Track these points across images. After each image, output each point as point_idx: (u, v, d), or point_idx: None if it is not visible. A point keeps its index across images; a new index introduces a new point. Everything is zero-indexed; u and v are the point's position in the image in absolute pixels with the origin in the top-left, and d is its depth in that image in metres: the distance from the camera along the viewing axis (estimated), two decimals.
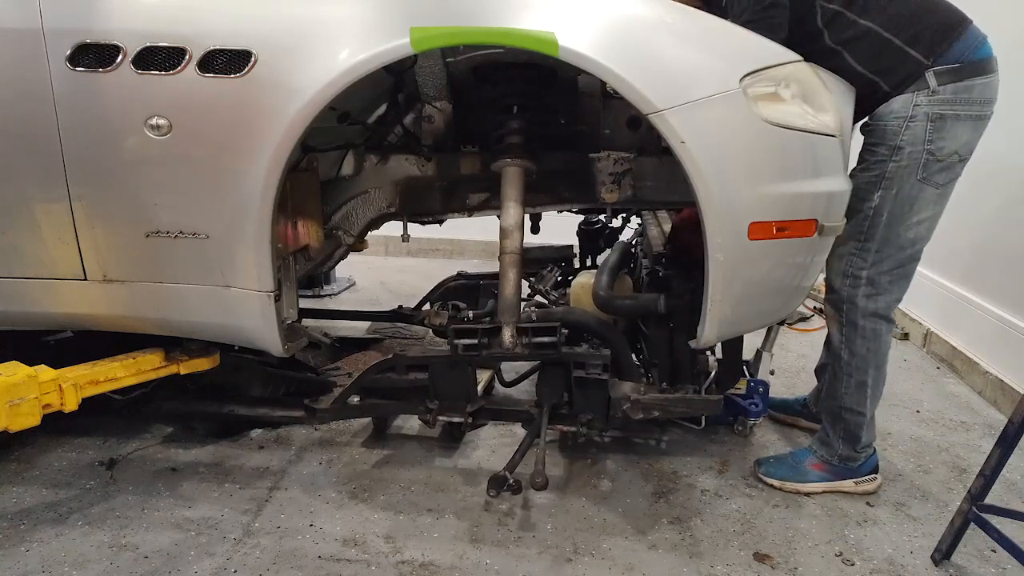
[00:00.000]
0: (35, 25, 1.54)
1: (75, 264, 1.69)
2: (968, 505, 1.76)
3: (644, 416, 1.90)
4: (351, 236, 2.21)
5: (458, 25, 1.50)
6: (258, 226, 1.59)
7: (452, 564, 1.77)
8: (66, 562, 1.74)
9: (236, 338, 1.78)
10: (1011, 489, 2.19)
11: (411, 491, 2.08)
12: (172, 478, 2.11)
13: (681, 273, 1.94)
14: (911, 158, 1.81)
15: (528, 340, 1.91)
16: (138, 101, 1.55)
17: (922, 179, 1.83)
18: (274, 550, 1.80)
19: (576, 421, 2.02)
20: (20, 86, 1.57)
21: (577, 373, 1.98)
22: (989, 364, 2.91)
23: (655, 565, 1.79)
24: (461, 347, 1.91)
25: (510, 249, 1.83)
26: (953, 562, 1.83)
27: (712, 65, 1.56)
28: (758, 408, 2.39)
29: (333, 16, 1.53)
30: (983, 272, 3.10)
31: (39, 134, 1.59)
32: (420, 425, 2.38)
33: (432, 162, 2.15)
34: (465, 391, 2.05)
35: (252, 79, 1.51)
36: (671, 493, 2.11)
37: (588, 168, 2.03)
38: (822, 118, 1.66)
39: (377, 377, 2.13)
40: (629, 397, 1.89)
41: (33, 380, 1.53)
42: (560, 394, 2.04)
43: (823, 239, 1.74)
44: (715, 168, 1.52)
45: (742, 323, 1.80)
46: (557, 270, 2.61)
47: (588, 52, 1.47)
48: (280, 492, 2.05)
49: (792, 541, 1.90)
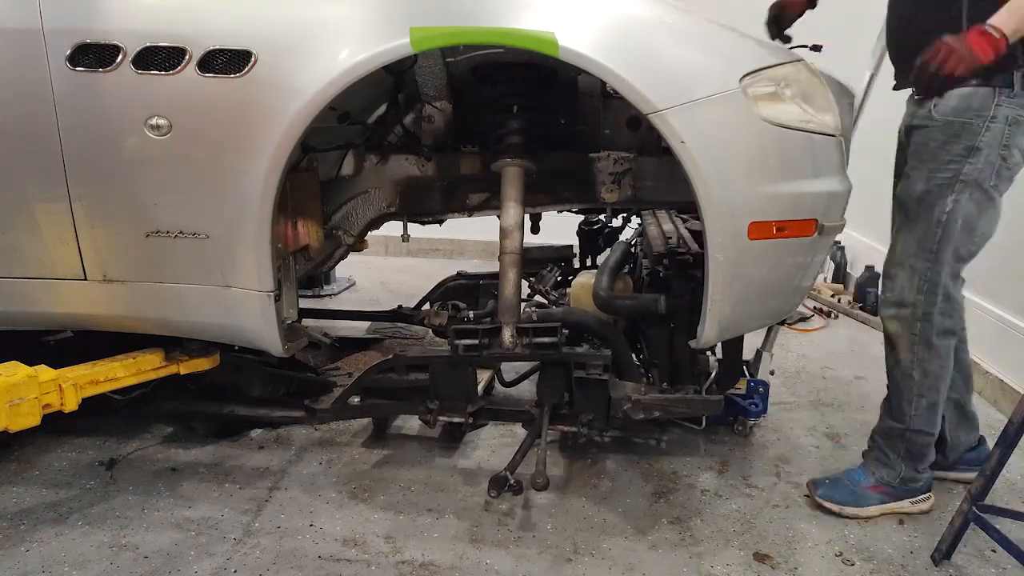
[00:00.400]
0: (35, 25, 1.54)
1: (75, 264, 1.69)
2: (968, 505, 1.76)
3: (645, 416, 1.90)
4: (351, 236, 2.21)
5: (458, 25, 1.50)
6: (258, 226, 1.59)
7: (452, 564, 1.77)
8: (66, 562, 1.73)
9: (236, 338, 1.78)
10: (1011, 489, 2.18)
11: (411, 491, 2.08)
12: (172, 478, 2.11)
13: (681, 273, 1.94)
14: (987, 161, 1.69)
15: (529, 340, 1.91)
16: (138, 101, 1.55)
17: (993, 185, 1.72)
18: (274, 550, 1.80)
19: (577, 421, 2.02)
20: (20, 86, 1.57)
21: (578, 373, 1.98)
22: (989, 364, 2.91)
23: (655, 565, 1.79)
24: (461, 347, 1.91)
25: (510, 249, 1.83)
26: (953, 562, 1.83)
27: (712, 65, 1.56)
28: (758, 408, 2.39)
29: (333, 16, 1.54)
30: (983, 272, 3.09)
31: (39, 134, 1.59)
32: (420, 425, 2.38)
33: (432, 162, 2.15)
34: (465, 391, 2.05)
35: (252, 79, 1.52)
36: (671, 493, 2.11)
37: (588, 168, 2.03)
38: (822, 118, 1.66)
39: (377, 377, 2.13)
40: (630, 397, 1.89)
41: (33, 380, 1.53)
42: (561, 394, 2.04)
43: (823, 238, 1.74)
44: (715, 168, 1.52)
45: (742, 323, 1.80)
46: (557, 270, 2.61)
47: (588, 52, 1.48)
48: (280, 492, 2.05)
49: (792, 541, 1.90)
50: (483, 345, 1.90)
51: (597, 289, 2.06)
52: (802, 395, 2.84)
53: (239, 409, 2.18)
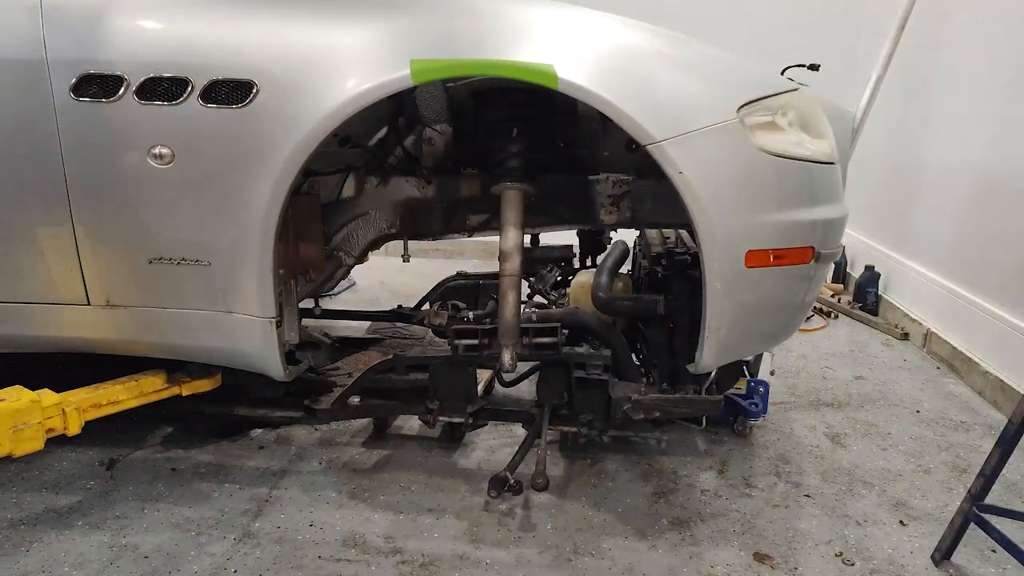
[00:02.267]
0: (40, 56, 1.55)
1: (78, 290, 1.70)
2: (968, 505, 1.76)
3: (645, 416, 1.90)
4: (352, 257, 2.22)
5: (458, 58, 1.50)
6: (260, 254, 1.60)
7: (452, 564, 1.77)
8: (66, 562, 1.74)
9: (237, 362, 1.79)
10: (1011, 489, 2.19)
11: (411, 491, 2.08)
12: (172, 478, 2.11)
13: (679, 273, 1.94)
14: None
15: (529, 341, 1.91)
16: (141, 131, 1.57)
17: None
18: (274, 550, 1.80)
19: (577, 421, 2.02)
20: (25, 115, 1.59)
21: (578, 373, 1.98)
22: (989, 364, 2.91)
23: (655, 565, 1.79)
24: (462, 348, 1.91)
25: (510, 272, 1.82)
26: (953, 562, 1.83)
27: (710, 95, 1.57)
28: (758, 408, 2.39)
29: (334, 48, 1.54)
30: (983, 272, 3.10)
31: (44, 163, 1.60)
32: (420, 425, 2.38)
33: (432, 184, 2.15)
34: (466, 391, 2.05)
35: (254, 110, 1.53)
36: (671, 493, 2.11)
37: (587, 190, 2.03)
38: (819, 145, 1.67)
39: (377, 377, 2.13)
40: (630, 397, 1.89)
41: (37, 405, 1.55)
42: (561, 394, 2.04)
43: (819, 265, 1.75)
44: (713, 197, 1.53)
45: (740, 348, 1.83)
46: (557, 270, 2.61)
47: (587, 84, 1.49)
48: (280, 492, 2.05)
49: (792, 541, 1.90)
50: (483, 346, 1.90)
51: (596, 290, 2.06)
52: (802, 395, 2.84)
53: (239, 409, 2.18)
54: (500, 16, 1.57)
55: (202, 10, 1.57)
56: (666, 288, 1.97)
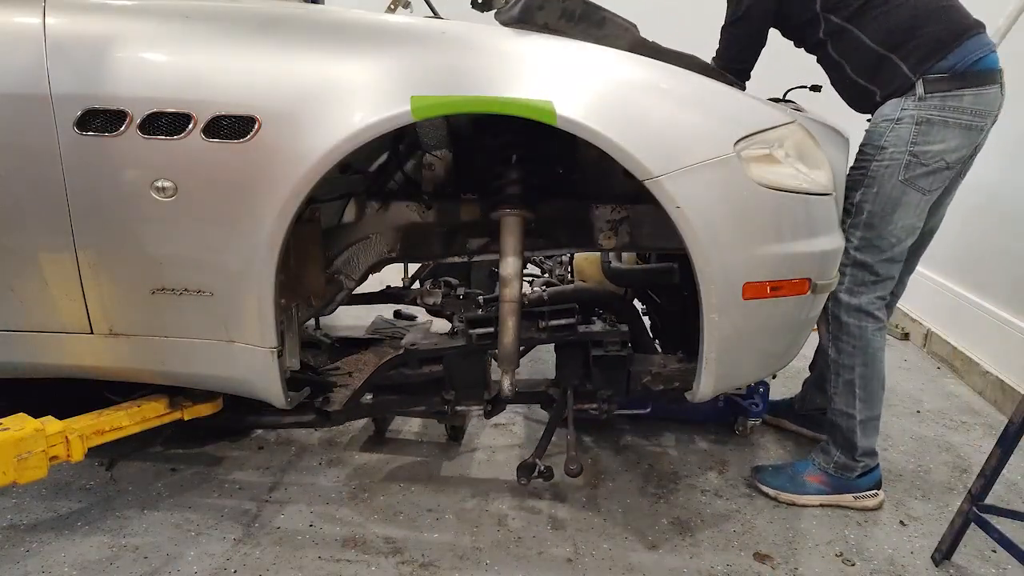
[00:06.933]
0: (44, 91, 1.56)
1: (82, 319, 1.72)
2: (968, 505, 1.76)
3: (665, 387, 1.89)
4: (352, 280, 2.22)
5: (457, 95, 1.52)
6: (261, 284, 1.61)
7: (452, 564, 1.77)
8: (66, 562, 1.74)
9: (239, 390, 1.81)
10: (1011, 489, 2.19)
11: (411, 491, 2.08)
12: (172, 478, 2.11)
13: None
14: (893, 158, 1.84)
15: (545, 324, 1.91)
16: (144, 165, 1.57)
17: (904, 180, 1.84)
18: (274, 550, 1.80)
19: (596, 398, 2.00)
20: (30, 150, 1.60)
21: (596, 351, 1.96)
22: (989, 364, 2.91)
23: (655, 565, 1.79)
24: (475, 337, 1.91)
25: (509, 298, 1.82)
26: (953, 562, 1.83)
27: (707, 129, 1.58)
28: (758, 408, 2.39)
29: (335, 84, 1.55)
30: (983, 272, 3.10)
31: (47, 196, 1.61)
32: (420, 426, 2.38)
33: (433, 209, 2.16)
34: (482, 380, 2.04)
35: (256, 144, 1.53)
36: (671, 493, 2.11)
37: (586, 215, 2.04)
38: (816, 176, 1.68)
39: (389, 374, 2.11)
40: (650, 370, 1.89)
41: (40, 434, 1.55)
42: (580, 374, 2.02)
43: (816, 296, 1.76)
44: (710, 231, 1.55)
45: (738, 377, 1.85)
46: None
47: (585, 121, 1.50)
48: (280, 492, 2.05)
49: (792, 541, 1.90)
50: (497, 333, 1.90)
51: (607, 260, 2.04)
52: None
53: (248, 419, 2.16)
54: (499, 52, 1.60)
55: (204, 46, 1.59)
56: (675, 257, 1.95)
